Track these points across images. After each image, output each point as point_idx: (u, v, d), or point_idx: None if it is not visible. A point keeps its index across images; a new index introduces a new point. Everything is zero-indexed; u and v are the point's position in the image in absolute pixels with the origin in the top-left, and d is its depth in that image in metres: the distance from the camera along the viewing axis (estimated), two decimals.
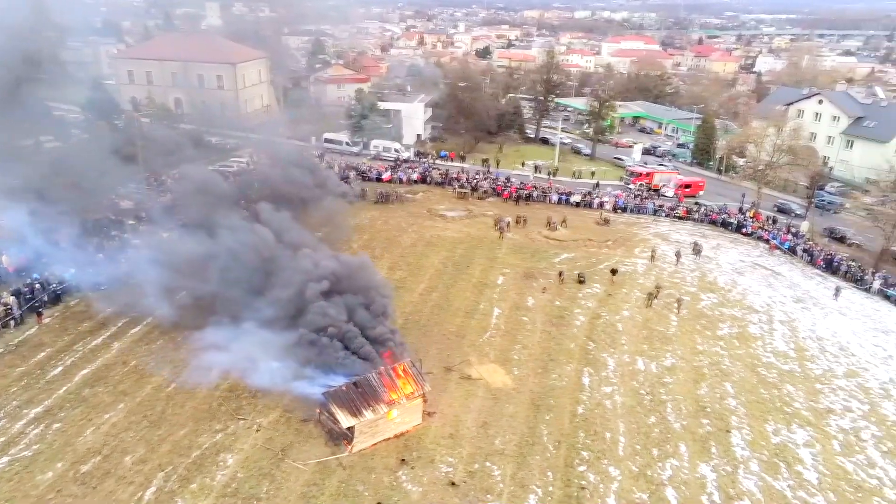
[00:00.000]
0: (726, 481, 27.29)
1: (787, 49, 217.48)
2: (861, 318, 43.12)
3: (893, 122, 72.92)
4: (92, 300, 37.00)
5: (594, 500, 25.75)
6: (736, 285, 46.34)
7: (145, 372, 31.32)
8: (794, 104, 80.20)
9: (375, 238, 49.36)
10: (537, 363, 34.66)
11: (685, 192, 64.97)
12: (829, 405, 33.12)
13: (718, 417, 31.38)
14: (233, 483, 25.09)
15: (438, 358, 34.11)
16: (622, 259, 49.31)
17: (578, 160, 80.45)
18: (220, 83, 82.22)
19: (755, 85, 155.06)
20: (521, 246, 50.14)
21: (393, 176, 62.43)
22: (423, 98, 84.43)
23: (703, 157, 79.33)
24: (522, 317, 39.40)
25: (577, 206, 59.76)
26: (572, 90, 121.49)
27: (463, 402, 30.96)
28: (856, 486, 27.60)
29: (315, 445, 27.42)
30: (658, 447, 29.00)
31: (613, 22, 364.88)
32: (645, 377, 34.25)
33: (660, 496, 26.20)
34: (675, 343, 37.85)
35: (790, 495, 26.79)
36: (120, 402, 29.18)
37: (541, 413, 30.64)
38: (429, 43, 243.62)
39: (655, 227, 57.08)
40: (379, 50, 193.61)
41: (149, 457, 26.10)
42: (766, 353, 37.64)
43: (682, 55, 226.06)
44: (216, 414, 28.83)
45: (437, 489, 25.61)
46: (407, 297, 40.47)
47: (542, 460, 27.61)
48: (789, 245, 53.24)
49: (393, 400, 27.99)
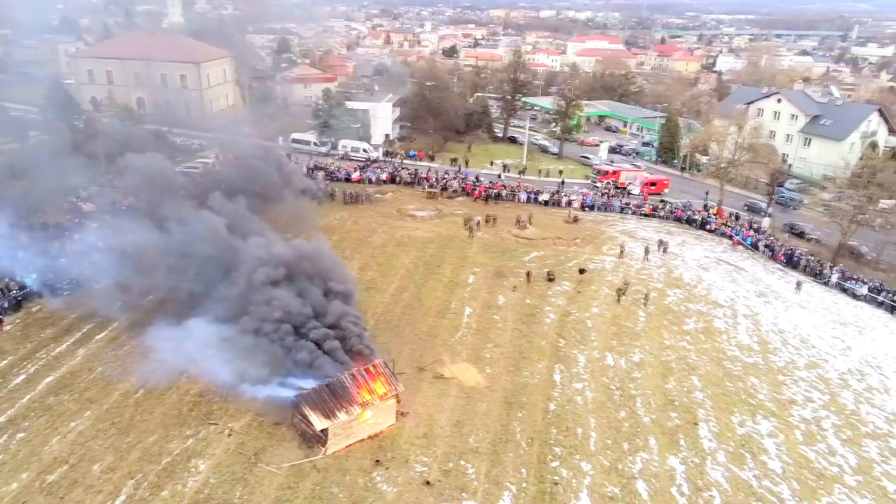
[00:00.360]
0: (695, 473, 27.93)
1: (747, 49, 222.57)
2: (820, 311, 44.48)
3: (848, 121, 75.34)
4: (54, 306, 36.16)
5: (567, 495, 26.12)
6: (701, 281, 47.37)
7: (112, 378, 30.70)
8: (754, 103, 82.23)
9: (345, 239, 49.14)
10: (509, 361, 34.96)
11: (651, 190, 66.10)
12: (791, 396, 34.10)
13: (686, 411, 32.08)
14: (205, 489, 24.80)
15: (411, 358, 34.16)
16: (591, 257, 50.01)
17: (546, 159, 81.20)
18: (184, 83, 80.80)
19: (716, 84, 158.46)
20: (491, 245, 50.45)
21: (362, 176, 62.18)
22: (391, 98, 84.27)
23: (667, 156, 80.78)
24: (494, 315, 39.68)
25: (545, 205, 60.34)
26: (539, 89, 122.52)
27: (436, 401, 31.08)
28: (817, 473, 28.51)
29: (288, 448, 27.24)
30: (628, 441, 29.53)
31: (578, 21, 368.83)
32: (614, 373, 34.82)
33: (631, 489, 26.69)
34: (643, 339, 38.55)
35: (755, 485, 27.54)
36: (86, 410, 28.58)
37: (513, 410, 30.93)
38: (395, 42, 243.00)
39: (622, 225, 57.97)
40: (345, 49, 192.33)
41: (118, 465, 25.63)
42: (731, 347, 38.58)
43: (646, 55, 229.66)
44: (186, 419, 28.44)
45: (413, 489, 25.69)
46: (378, 298, 40.43)
47: (516, 457, 27.90)
48: (751, 241, 54.61)
49: (366, 401, 27.96)
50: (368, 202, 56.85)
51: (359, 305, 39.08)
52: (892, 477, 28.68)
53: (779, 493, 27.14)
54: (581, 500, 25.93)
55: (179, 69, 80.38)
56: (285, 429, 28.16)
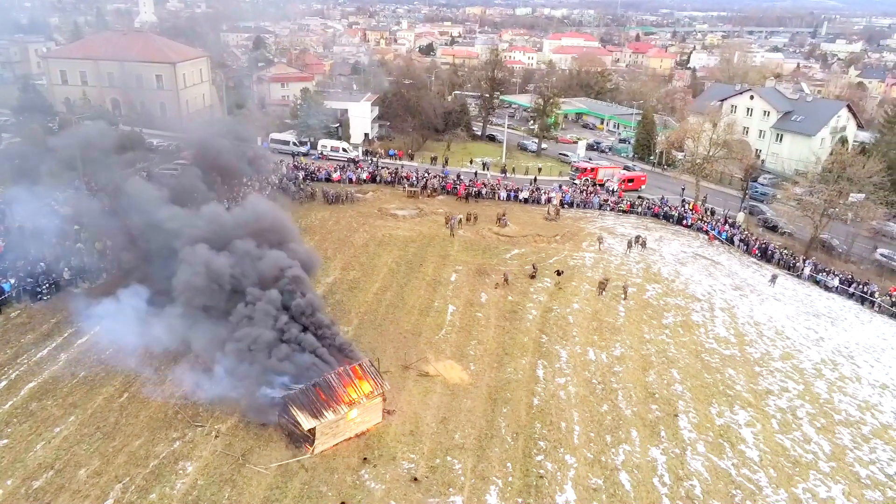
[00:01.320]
0: (675, 463, 28.63)
1: (720, 46, 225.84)
2: (794, 303, 45.63)
3: (818, 117, 77.12)
4: (34, 311, 35.77)
5: (552, 487, 26.63)
6: (679, 275, 48.29)
7: (96, 382, 30.53)
8: (728, 100, 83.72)
9: (327, 238, 49.18)
10: (493, 358, 35.41)
11: (628, 187, 67.04)
12: (767, 386, 35.03)
13: (666, 403, 32.81)
14: (193, 491, 24.84)
15: (395, 356, 34.41)
16: (571, 253, 50.67)
17: (525, 157, 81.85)
18: (159, 83, 79.91)
19: (690, 81, 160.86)
20: (473, 243, 50.85)
21: (342, 176, 62.18)
22: (370, 97, 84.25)
23: (643, 152, 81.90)
24: (477, 313, 40.09)
25: (525, 203, 60.92)
26: (516, 87, 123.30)
27: (421, 398, 31.40)
28: (793, 461, 29.40)
29: (276, 449, 27.34)
30: (611, 434, 30.16)
31: (553, 19, 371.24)
32: (596, 367, 35.45)
33: (614, 481, 27.30)
34: (623, 333, 39.25)
35: (734, 473, 28.33)
36: (71, 415, 28.38)
37: (498, 406, 31.37)
38: (372, 40, 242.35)
39: (601, 221, 58.76)
40: (321, 47, 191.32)
41: (104, 469, 25.55)
42: (709, 340, 39.47)
43: (621, 52, 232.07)
44: (172, 422, 28.38)
45: (400, 486, 26.00)
46: (361, 297, 40.61)
47: (501, 452, 28.34)
48: (726, 235, 55.75)
49: (353, 400, 28.20)
50: (349, 202, 56.88)
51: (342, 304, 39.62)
52: (863, 462, 29.69)
53: (756, 481, 27.96)
54: (566, 492, 26.46)
55: (155, 69, 79.45)
56: (272, 430, 28.28)
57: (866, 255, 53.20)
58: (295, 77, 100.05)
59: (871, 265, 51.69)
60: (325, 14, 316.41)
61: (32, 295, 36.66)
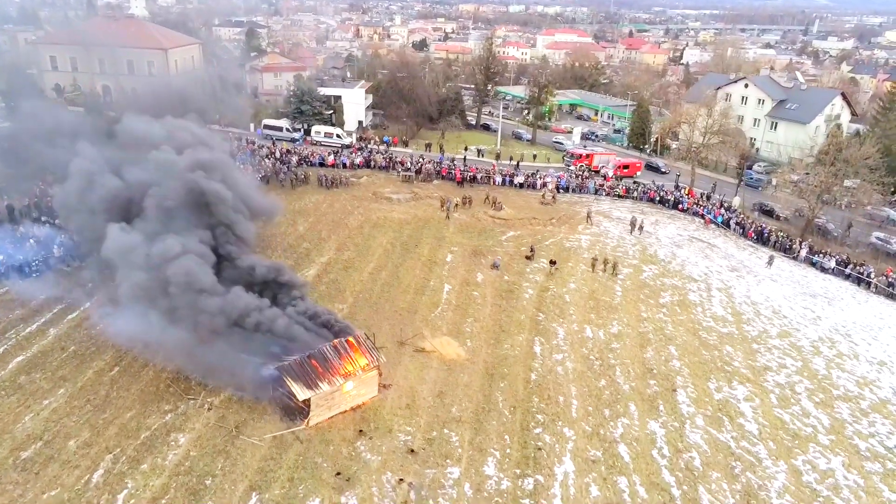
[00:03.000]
0: (674, 436, 28.38)
1: (713, 42, 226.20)
2: (791, 284, 45.50)
3: (813, 105, 77.13)
4: (22, 288, 35.13)
5: (551, 459, 26.33)
6: (675, 257, 48.06)
7: (86, 357, 29.99)
8: (722, 88, 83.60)
9: (321, 221, 48.69)
10: (489, 335, 35.07)
11: (623, 173, 66.80)
12: (765, 363, 34.83)
13: (664, 378, 32.56)
14: (186, 461, 24.40)
15: (391, 333, 34.02)
16: (566, 235, 50.39)
17: (520, 145, 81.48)
18: (151, 69, 79.01)
19: (683, 76, 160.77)
20: (468, 226, 50.46)
21: (336, 160, 61.63)
22: (364, 84, 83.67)
23: (638, 141, 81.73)
24: (473, 292, 39.72)
25: (520, 188, 60.58)
26: (510, 81, 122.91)
27: (418, 373, 31.03)
28: (793, 434, 29.19)
29: (270, 422, 26.93)
30: (609, 408, 29.89)
31: (547, 16, 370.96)
32: (594, 344, 35.17)
33: (613, 453, 27.03)
34: (620, 312, 38.99)
35: (733, 446, 28.11)
36: (60, 388, 27.88)
37: (495, 381, 31.05)
38: (365, 35, 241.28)
39: (597, 206, 58.46)
40: (314, 42, 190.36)
41: (94, 440, 25.07)
42: (706, 318, 39.26)
43: (614, 48, 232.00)
44: (164, 395, 27.92)
45: (397, 457, 25.64)
46: (356, 276, 40.18)
47: (499, 425, 28.02)
48: (722, 219, 55.60)
49: (349, 372, 27.78)
50: (343, 186, 56.35)
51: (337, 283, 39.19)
52: (863, 436, 29.53)
53: (756, 453, 27.75)
54: (565, 464, 26.17)
55: (146, 56, 78.57)
56: (266, 403, 27.83)
57: (862, 238, 53.13)
58: (287, 67, 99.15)
59: (867, 248, 51.64)
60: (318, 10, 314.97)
61: (21, 272, 36.07)
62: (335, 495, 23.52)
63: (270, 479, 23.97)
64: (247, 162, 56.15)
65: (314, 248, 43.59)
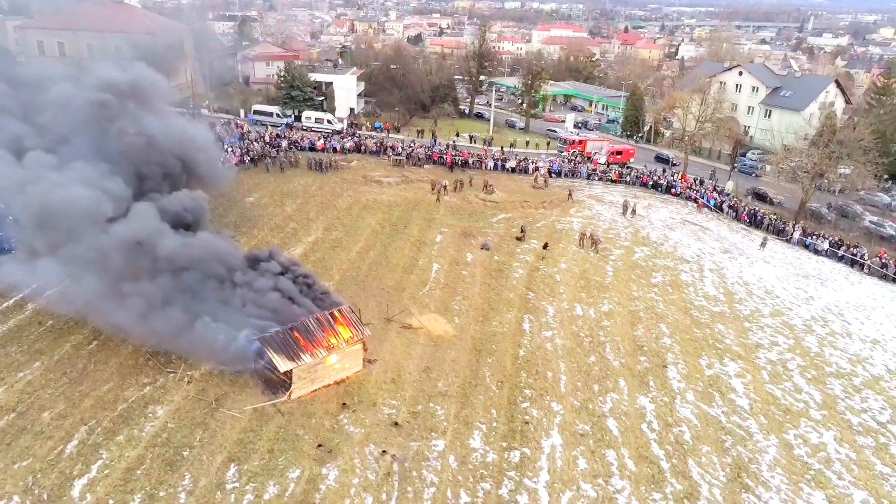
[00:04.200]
0: (664, 410, 27.87)
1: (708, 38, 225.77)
2: (784, 265, 45.04)
3: (807, 92, 76.72)
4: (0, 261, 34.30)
5: (538, 432, 25.79)
6: (667, 239, 47.57)
7: (64, 331, 29.29)
8: (717, 76, 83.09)
9: (309, 202, 48.03)
10: (478, 312, 34.52)
11: (617, 159, 66.30)
12: (757, 341, 34.35)
13: (655, 355, 32.06)
14: (163, 433, 23.79)
15: (378, 310, 33.45)
16: (558, 218, 49.86)
17: (513, 133, 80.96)
18: None
19: (678, 70, 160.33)
20: (459, 208, 49.88)
21: (326, 144, 60.93)
22: (356, 71, 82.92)
23: (632, 129, 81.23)
24: (462, 271, 39.16)
25: (512, 172, 60.03)
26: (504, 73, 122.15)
27: (404, 349, 30.46)
28: (784, 409, 28.71)
29: (251, 395, 26.33)
30: (598, 383, 29.37)
31: (542, 13, 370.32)
32: (584, 321, 34.64)
33: (601, 426, 26.51)
34: (611, 291, 38.48)
35: (724, 420, 27.61)
36: (36, 361, 27.20)
37: (483, 357, 30.50)
38: (360, 30, 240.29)
39: (589, 190, 57.98)
40: (309, 37, 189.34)
41: (69, 412, 24.42)
42: (698, 298, 38.77)
43: (609, 43, 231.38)
44: (143, 369, 27.26)
45: (381, 430, 25.07)
46: (344, 255, 39.56)
47: (486, 399, 27.48)
48: (715, 203, 55.13)
49: (332, 344, 27.18)
50: (333, 169, 55.67)
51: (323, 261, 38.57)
52: (855, 411, 29.05)
53: (747, 427, 27.26)
54: (552, 437, 25.64)
55: (135, 41, 77.43)
56: (248, 377, 27.23)
57: (855, 222, 52.73)
58: (280, 56, 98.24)
59: (860, 232, 51.22)
60: (313, 6, 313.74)
61: None
62: (316, 467, 22.93)
63: (250, 451, 23.38)
64: (235, 144, 55.48)
65: (301, 228, 42.96)
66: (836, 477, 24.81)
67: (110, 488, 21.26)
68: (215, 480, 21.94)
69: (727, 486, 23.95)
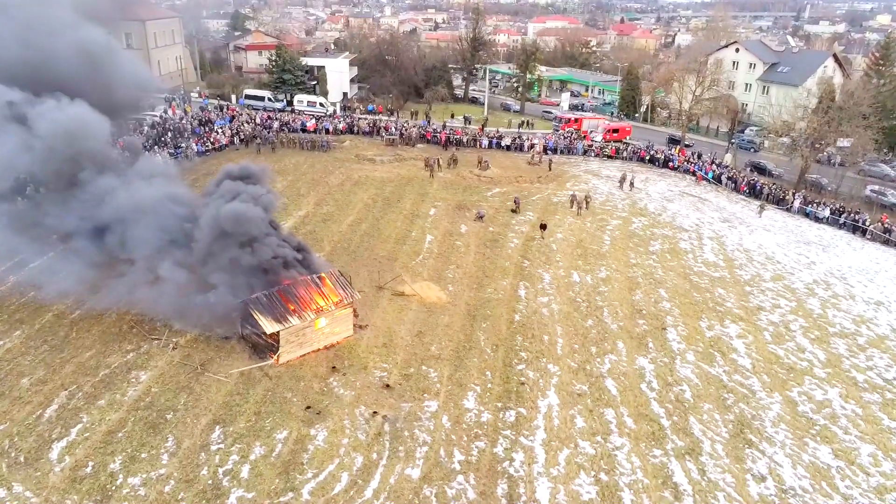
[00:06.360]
0: (664, 371, 27.10)
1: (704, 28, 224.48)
2: (784, 233, 44.23)
3: (805, 67, 75.75)
4: None
5: (534, 393, 25.03)
6: (665, 210, 46.78)
7: (46, 301, 28.48)
8: (713, 54, 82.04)
9: (300, 179, 47.25)
10: (472, 280, 33.77)
11: (613, 137, 65.43)
12: (758, 304, 33.58)
13: (654, 318, 31.29)
14: (146, 397, 23.04)
15: (369, 279, 32.70)
16: (554, 191, 49.06)
17: (508, 115, 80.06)
18: (128, 41, 76.86)
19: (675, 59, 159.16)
20: (453, 183, 49.11)
21: (318, 125, 60.08)
22: (349, 56, 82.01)
23: (628, 109, 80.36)
24: (456, 241, 38.41)
25: (507, 150, 59.20)
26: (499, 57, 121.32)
27: (396, 315, 29.72)
28: (787, 367, 27.94)
29: (238, 360, 25.58)
30: (596, 345, 28.62)
31: (538, 6, 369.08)
32: (581, 287, 33.88)
33: (599, 387, 25.75)
34: (609, 259, 37.70)
35: (726, 379, 26.85)
36: (16, 330, 26.48)
37: (477, 322, 29.74)
38: (354, 26, 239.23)
39: (586, 165, 57.18)
40: (304, 33, 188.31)
41: (50, 378, 23.69)
42: (697, 264, 37.98)
43: (605, 34, 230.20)
44: (127, 336, 26.54)
45: (371, 392, 24.32)
46: (335, 228, 38.81)
47: (480, 362, 26.72)
48: (713, 175, 54.31)
49: (320, 307, 26.39)
50: (325, 149, 54.84)
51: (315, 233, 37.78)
52: (860, 369, 28.29)
53: (749, 386, 26.51)
54: (549, 397, 24.88)
55: (123, 26, 76.16)
56: (235, 342, 26.49)
57: (856, 192, 51.90)
58: (272, 45, 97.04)
59: (861, 201, 50.39)
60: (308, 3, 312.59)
61: None
62: (304, 428, 22.17)
63: (236, 413, 22.62)
64: (226, 125, 54.67)
65: (292, 203, 42.14)
66: (842, 431, 24.03)
67: (90, 451, 20.51)
68: (199, 442, 21.19)
69: (730, 441, 23.18)
